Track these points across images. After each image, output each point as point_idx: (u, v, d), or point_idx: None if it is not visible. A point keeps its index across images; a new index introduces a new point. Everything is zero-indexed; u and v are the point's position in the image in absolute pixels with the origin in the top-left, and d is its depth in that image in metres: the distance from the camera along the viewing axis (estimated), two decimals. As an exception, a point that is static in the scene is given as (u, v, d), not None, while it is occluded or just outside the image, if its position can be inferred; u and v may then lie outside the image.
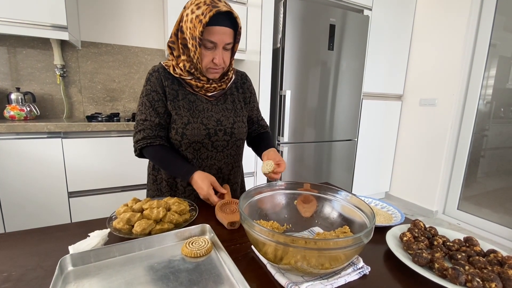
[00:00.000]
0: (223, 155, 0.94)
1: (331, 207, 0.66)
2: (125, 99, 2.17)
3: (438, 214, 2.67)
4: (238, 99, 0.97)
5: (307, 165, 2.37)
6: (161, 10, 2.16)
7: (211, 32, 0.76)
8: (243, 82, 1.01)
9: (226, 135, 0.92)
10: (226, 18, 0.76)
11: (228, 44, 0.80)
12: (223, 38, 0.77)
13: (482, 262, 0.53)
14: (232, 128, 0.92)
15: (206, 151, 0.92)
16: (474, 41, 2.34)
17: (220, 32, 0.76)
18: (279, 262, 0.47)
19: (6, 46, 1.78)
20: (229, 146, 0.94)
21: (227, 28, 0.77)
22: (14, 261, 0.54)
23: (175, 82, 0.87)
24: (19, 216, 1.50)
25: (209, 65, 0.82)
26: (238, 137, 0.95)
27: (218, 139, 0.91)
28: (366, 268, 0.54)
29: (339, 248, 0.43)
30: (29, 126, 1.44)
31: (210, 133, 0.89)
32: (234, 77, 0.98)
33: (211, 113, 0.90)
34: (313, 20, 2.12)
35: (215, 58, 0.80)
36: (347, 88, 2.42)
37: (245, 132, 0.98)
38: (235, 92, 0.97)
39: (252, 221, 0.47)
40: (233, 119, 0.93)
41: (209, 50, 0.80)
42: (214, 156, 0.93)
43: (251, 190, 0.64)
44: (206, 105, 0.90)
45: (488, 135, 2.35)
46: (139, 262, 0.54)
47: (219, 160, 0.94)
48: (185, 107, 0.87)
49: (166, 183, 0.94)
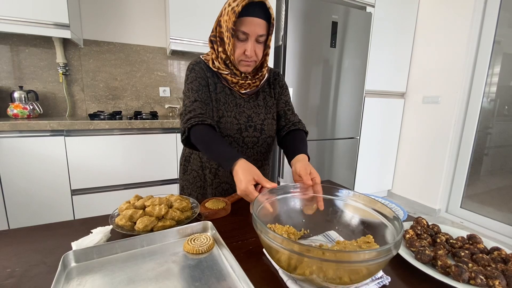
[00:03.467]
0: (253, 151, 0.94)
1: (352, 213, 0.61)
2: (127, 97, 2.17)
3: (441, 213, 2.65)
4: (269, 96, 0.97)
5: (310, 163, 2.36)
6: (163, 8, 2.15)
7: (244, 22, 0.76)
8: (275, 78, 0.99)
9: (256, 132, 0.92)
10: (259, 9, 0.76)
11: (261, 36, 0.79)
12: (255, 29, 0.77)
13: (486, 259, 0.53)
14: (262, 125, 0.93)
15: (237, 146, 0.92)
16: (478, 38, 2.31)
17: (253, 23, 0.76)
18: (292, 271, 0.44)
19: (9, 45, 1.79)
20: (259, 143, 0.94)
21: (259, 19, 0.76)
22: (18, 257, 0.54)
23: (214, 76, 0.89)
24: (23, 213, 1.51)
25: (241, 57, 0.82)
26: (268, 134, 0.95)
27: (249, 135, 0.92)
28: (385, 278, 0.50)
29: (362, 262, 0.38)
30: (32, 124, 1.45)
31: (241, 128, 0.90)
32: (267, 75, 0.97)
33: (243, 109, 0.91)
34: (315, 17, 2.11)
35: (246, 50, 0.79)
36: (350, 86, 2.41)
37: (275, 129, 0.97)
38: (267, 89, 0.97)
39: (265, 226, 0.44)
40: (264, 116, 0.93)
41: (242, 42, 0.80)
42: (245, 152, 0.93)
43: (268, 192, 0.62)
44: (239, 101, 0.91)
45: (492, 133, 2.33)
46: (141, 258, 0.54)
47: (249, 157, 0.94)
48: (221, 100, 0.88)
49: (196, 174, 0.97)
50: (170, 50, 2.03)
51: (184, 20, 1.90)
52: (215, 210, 0.75)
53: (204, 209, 0.75)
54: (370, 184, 2.88)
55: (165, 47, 2.21)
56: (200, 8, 1.91)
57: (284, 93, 1.00)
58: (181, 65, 2.28)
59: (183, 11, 1.88)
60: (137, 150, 1.71)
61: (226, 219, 0.75)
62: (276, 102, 0.99)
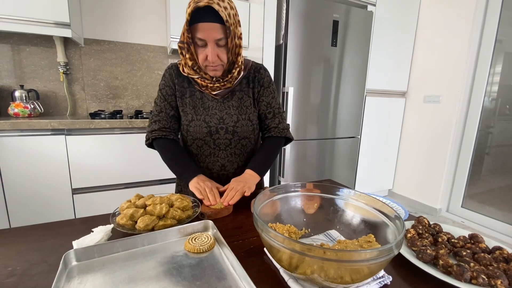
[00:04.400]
0: (226, 153, 0.94)
1: (353, 212, 0.61)
2: (127, 96, 2.17)
3: (442, 212, 2.65)
4: (247, 95, 0.93)
5: (310, 162, 2.37)
6: (163, 7, 2.15)
7: (197, 29, 0.75)
8: (255, 75, 0.94)
9: (228, 134, 0.91)
10: (210, 14, 0.73)
11: (220, 40, 0.77)
12: (210, 34, 0.75)
13: (488, 259, 0.53)
14: (235, 127, 0.91)
15: (209, 148, 0.93)
16: (479, 37, 2.31)
17: (206, 28, 0.74)
18: (294, 270, 0.44)
19: (10, 44, 1.79)
20: (232, 144, 0.93)
21: (212, 23, 0.74)
22: (19, 255, 0.54)
23: (185, 80, 0.91)
24: (24, 212, 1.52)
25: (205, 63, 0.81)
26: (242, 136, 0.93)
27: (220, 137, 0.91)
28: (387, 277, 0.50)
29: (364, 261, 0.38)
30: (33, 123, 1.45)
31: (212, 131, 0.90)
32: (246, 73, 0.93)
33: (214, 111, 0.90)
34: (316, 16, 2.10)
35: (208, 55, 0.78)
36: (350, 85, 2.40)
37: (252, 130, 0.94)
38: (245, 88, 0.93)
39: (266, 225, 0.44)
40: (237, 117, 0.91)
41: (202, 48, 0.79)
42: (217, 154, 0.93)
43: (268, 190, 0.62)
44: (211, 103, 0.90)
45: (493, 132, 2.33)
46: (142, 257, 0.54)
47: (223, 158, 0.94)
48: (190, 105, 0.90)
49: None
50: (170, 49, 2.02)
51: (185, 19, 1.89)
52: (217, 209, 0.75)
53: (207, 209, 0.75)
54: (370, 184, 2.87)
55: (166, 46, 2.21)
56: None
57: (265, 93, 0.95)
58: (182, 64, 2.28)
59: (184, 9, 1.87)
60: (138, 149, 1.71)
61: (227, 218, 0.75)
62: (258, 103, 0.95)
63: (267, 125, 0.97)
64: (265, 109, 0.95)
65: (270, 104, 0.96)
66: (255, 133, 0.97)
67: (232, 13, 0.76)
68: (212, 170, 0.96)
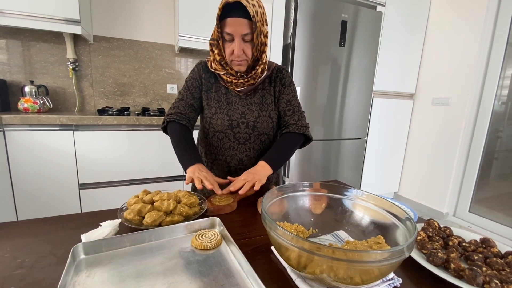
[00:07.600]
0: (245, 147, 0.96)
1: (362, 213, 0.61)
2: (135, 93, 2.18)
3: (449, 216, 2.61)
4: (269, 93, 0.97)
5: (315, 163, 2.35)
6: (172, 5, 2.16)
7: (226, 24, 0.80)
8: (277, 75, 0.98)
9: (248, 128, 0.94)
10: (238, 9, 0.77)
11: (246, 35, 0.81)
12: (237, 28, 0.79)
13: (500, 263, 0.52)
14: (255, 122, 0.94)
15: (229, 142, 0.96)
16: (491, 40, 2.27)
17: (234, 23, 0.78)
18: (302, 269, 0.44)
19: (21, 40, 1.81)
20: (251, 139, 0.96)
21: (240, 18, 0.78)
22: (28, 248, 0.55)
23: (212, 76, 0.96)
24: (31, 206, 1.53)
25: (231, 57, 0.85)
26: (262, 131, 0.95)
27: (240, 131, 0.94)
28: (397, 280, 0.49)
29: (375, 262, 0.38)
30: (42, 119, 1.46)
31: (233, 124, 0.93)
32: (269, 73, 0.96)
33: (237, 106, 0.94)
34: (325, 15, 2.09)
35: (234, 50, 0.82)
36: (358, 86, 2.38)
37: (272, 128, 0.97)
38: (268, 87, 0.97)
39: (274, 223, 0.44)
40: (258, 113, 0.94)
41: (229, 42, 0.83)
42: (236, 147, 0.96)
43: (276, 189, 0.61)
44: (234, 99, 0.95)
45: (502, 136, 2.29)
46: (149, 252, 0.54)
47: (241, 152, 0.97)
48: (215, 99, 0.94)
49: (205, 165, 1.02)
50: (178, 47, 2.03)
51: (193, 17, 1.90)
52: (220, 206, 0.75)
53: (210, 205, 0.75)
54: (376, 186, 2.85)
55: (174, 44, 2.21)
56: (209, 5, 1.91)
57: (286, 92, 0.97)
58: (189, 62, 2.29)
59: (192, 8, 1.88)
60: (144, 146, 1.72)
61: (234, 216, 0.75)
62: (278, 101, 0.98)
63: (286, 121, 0.97)
64: (285, 106, 0.97)
65: (290, 102, 0.97)
66: (274, 131, 1.00)
67: (260, 11, 0.80)
68: (230, 164, 0.98)
